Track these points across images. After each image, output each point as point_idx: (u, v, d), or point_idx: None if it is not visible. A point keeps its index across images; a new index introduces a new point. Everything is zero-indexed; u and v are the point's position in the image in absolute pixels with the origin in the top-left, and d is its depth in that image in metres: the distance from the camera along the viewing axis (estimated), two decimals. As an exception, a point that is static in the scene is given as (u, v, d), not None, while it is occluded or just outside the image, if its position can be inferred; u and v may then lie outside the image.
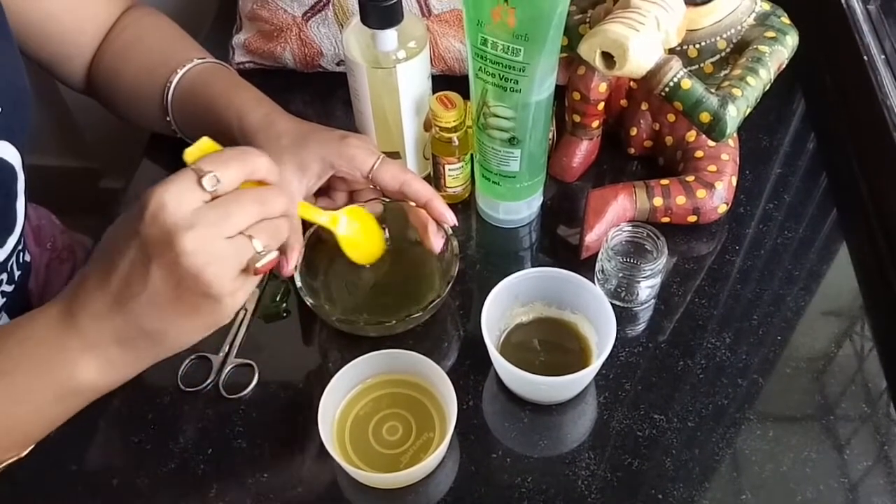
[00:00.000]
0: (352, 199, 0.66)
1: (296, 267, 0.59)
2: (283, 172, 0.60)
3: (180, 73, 0.67)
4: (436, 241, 0.63)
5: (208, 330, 0.47)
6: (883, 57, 0.77)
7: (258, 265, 0.46)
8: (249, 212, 0.45)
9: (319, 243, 0.63)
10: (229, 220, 0.45)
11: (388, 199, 0.65)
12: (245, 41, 0.81)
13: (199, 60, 0.68)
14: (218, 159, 0.45)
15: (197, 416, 0.59)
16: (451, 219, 0.62)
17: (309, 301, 0.59)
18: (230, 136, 0.64)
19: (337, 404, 0.57)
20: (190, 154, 0.46)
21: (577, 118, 0.71)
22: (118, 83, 0.70)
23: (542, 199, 0.71)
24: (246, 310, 0.63)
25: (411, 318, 0.59)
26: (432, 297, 0.60)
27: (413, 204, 0.63)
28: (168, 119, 0.69)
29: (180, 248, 0.43)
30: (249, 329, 0.63)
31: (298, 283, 0.60)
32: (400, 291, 0.64)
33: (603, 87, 0.69)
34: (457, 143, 0.66)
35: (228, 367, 0.61)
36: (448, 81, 0.72)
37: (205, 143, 0.47)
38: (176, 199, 0.43)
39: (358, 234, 0.61)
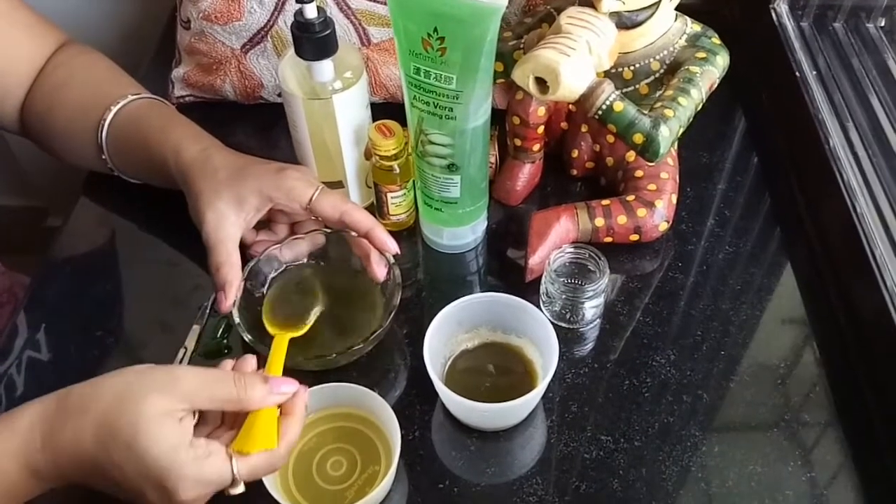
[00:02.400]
0: (293, 231, 0.66)
1: (234, 303, 0.59)
2: (220, 207, 0.60)
3: (114, 109, 0.66)
4: (379, 271, 0.62)
5: None
6: (815, 73, 0.78)
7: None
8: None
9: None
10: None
11: (329, 230, 0.64)
12: (184, 74, 0.80)
13: (135, 96, 0.68)
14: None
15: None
16: (393, 247, 0.62)
17: (247, 337, 0.58)
18: (166, 172, 0.63)
19: (280, 441, 0.55)
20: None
21: (518, 142, 0.72)
22: (51, 122, 0.69)
23: (486, 223, 0.71)
24: (186, 348, 0.62)
25: (353, 350, 0.58)
26: (374, 329, 0.59)
27: (355, 234, 0.62)
28: (104, 157, 0.68)
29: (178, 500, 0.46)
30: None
31: (236, 320, 0.59)
32: (342, 323, 0.63)
33: (542, 111, 0.69)
34: (398, 170, 0.66)
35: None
36: (391, 109, 0.72)
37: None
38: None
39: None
